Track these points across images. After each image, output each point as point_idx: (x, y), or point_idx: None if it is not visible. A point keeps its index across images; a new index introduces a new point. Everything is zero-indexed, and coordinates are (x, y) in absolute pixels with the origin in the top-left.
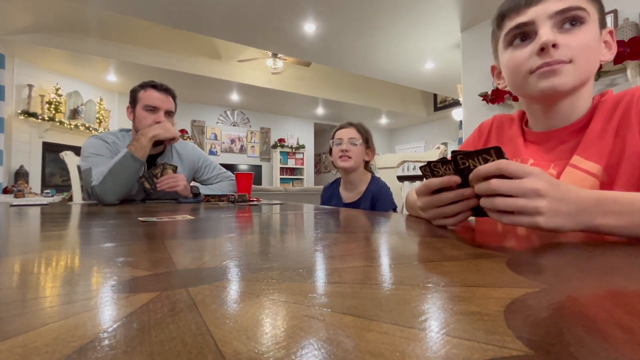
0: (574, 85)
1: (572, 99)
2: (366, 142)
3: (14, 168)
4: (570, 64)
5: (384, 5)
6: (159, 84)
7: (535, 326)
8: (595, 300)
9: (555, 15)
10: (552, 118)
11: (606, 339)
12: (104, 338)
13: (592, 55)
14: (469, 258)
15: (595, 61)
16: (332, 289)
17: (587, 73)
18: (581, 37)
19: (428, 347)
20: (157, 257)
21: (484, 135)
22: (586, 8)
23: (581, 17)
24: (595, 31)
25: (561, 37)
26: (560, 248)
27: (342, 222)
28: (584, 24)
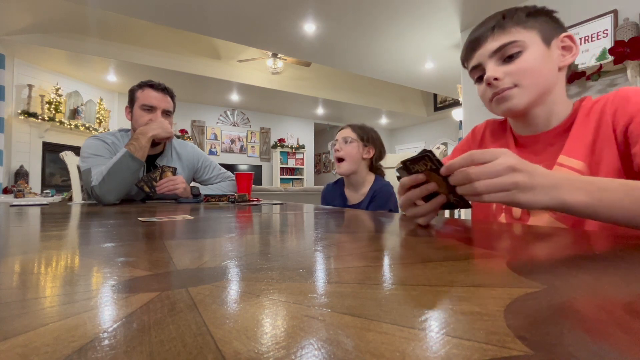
0: (527, 102)
1: (543, 108)
2: (363, 140)
3: (14, 168)
4: (516, 88)
5: (384, 6)
6: (157, 83)
7: (535, 326)
8: (595, 300)
9: (493, 54)
10: (532, 125)
11: (606, 339)
12: (104, 338)
13: (536, 73)
14: (469, 258)
15: (545, 75)
16: (332, 289)
17: (539, 88)
18: (520, 64)
19: (428, 347)
20: (157, 257)
21: (477, 139)
22: (518, 39)
23: (515, 49)
24: (538, 52)
25: (503, 68)
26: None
27: (341, 222)
28: (522, 52)
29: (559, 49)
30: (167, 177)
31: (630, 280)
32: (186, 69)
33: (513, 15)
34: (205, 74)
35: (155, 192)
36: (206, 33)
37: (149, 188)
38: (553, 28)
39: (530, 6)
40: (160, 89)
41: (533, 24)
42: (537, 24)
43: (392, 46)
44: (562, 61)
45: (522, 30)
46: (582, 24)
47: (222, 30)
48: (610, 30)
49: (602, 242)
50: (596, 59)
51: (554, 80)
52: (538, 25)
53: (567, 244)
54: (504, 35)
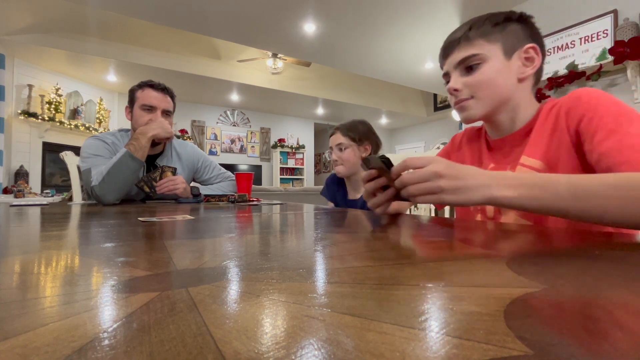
0: (483, 113)
1: (506, 115)
2: (357, 141)
3: (14, 168)
4: (472, 99)
5: (384, 6)
6: (157, 83)
7: (535, 326)
8: (595, 300)
9: (458, 65)
10: (499, 130)
11: (606, 339)
12: (104, 338)
13: (492, 86)
14: (469, 258)
15: (501, 87)
16: (332, 289)
17: (494, 99)
18: (478, 77)
19: (428, 347)
20: (157, 257)
21: (455, 146)
22: (480, 52)
23: (475, 62)
24: (496, 65)
25: (463, 79)
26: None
27: (341, 222)
28: (482, 64)
29: (520, 60)
30: (167, 177)
31: (630, 280)
32: (186, 69)
33: (480, 26)
34: (205, 74)
35: (155, 192)
36: (206, 33)
37: (149, 188)
38: (519, 39)
39: (501, 15)
40: (160, 88)
41: (497, 37)
42: (501, 36)
43: (392, 46)
44: (521, 73)
45: (484, 43)
46: (582, 24)
47: (222, 30)
48: (610, 30)
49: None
50: (596, 59)
51: (512, 91)
52: (502, 38)
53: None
54: (468, 47)
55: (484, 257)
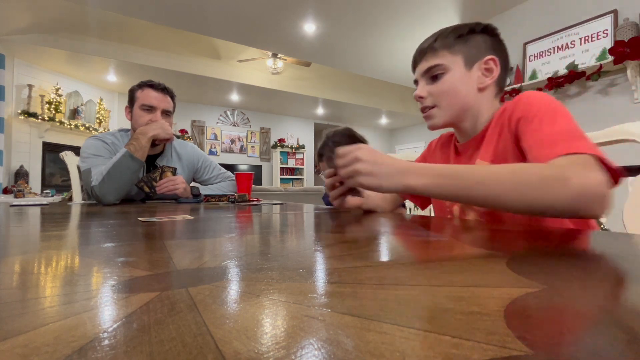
0: (445, 120)
1: (468, 122)
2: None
3: (14, 168)
4: (435, 108)
5: (384, 6)
6: (157, 83)
7: (535, 326)
8: (595, 300)
9: (424, 74)
10: (463, 135)
11: (606, 339)
12: (104, 338)
13: (453, 95)
14: (469, 258)
15: (461, 96)
16: (332, 289)
17: (455, 108)
18: (440, 86)
19: (428, 347)
20: (157, 257)
21: (431, 151)
22: (443, 63)
23: (439, 72)
24: (457, 75)
25: (428, 87)
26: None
27: (341, 222)
28: (444, 74)
29: (480, 70)
30: (167, 177)
31: (630, 280)
32: (186, 69)
33: (444, 38)
34: (205, 74)
35: (155, 192)
36: (206, 33)
37: (149, 188)
38: (480, 50)
39: (465, 27)
40: (160, 88)
41: (459, 48)
42: (463, 48)
43: (392, 46)
44: (481, 82)
45: (447, 54)
46: (582, 24)
47: (222, 30)
48: (610, 30)
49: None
50: (596, 59)
51: (472, 99)
52: (464, 49)
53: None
54: (432, 58)
55: (484, 257)
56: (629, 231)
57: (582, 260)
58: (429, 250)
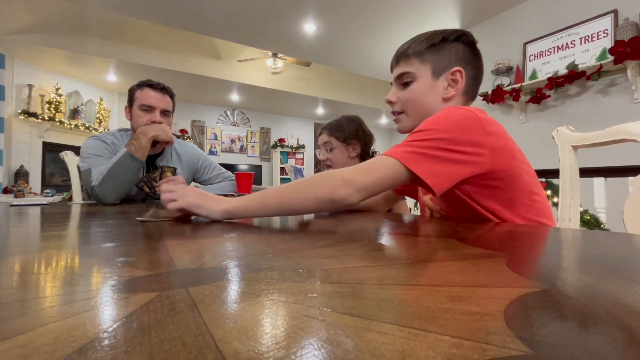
0: (410, 127)
1: None
2: (345, 141)
3: (14, 168)
4: (403, 114)
5: (384, 5)
6: (156, 83)
7: (535, 326)
8: (595, 300)
9: (396, 79)
10: None
11: (606, 339)
12: (104, 338)
13: (418, 103)
14: (469, 258)
15: (426, 105)
16: (332, 289)
17: (420, 115)
18: (407, 93)
19: (428, 347)
20: (157, 257)
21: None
22: (412, 71)
23: (408, 79)
24: (424, 84)
25: (399, 93)
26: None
27: (341, 223)
28: (413, 81)
29: (447, 81)
30: (167, 177)
31: (630, 279)
32: (186, 69)
33: (417, 45)
34: (205, 74)
35: (155, 192)
36: (206, 33)
37: (149, 188)
38: (449, 61)
39: (439, 35)
40: (159, 88)
41: (429, 57)
42: (432, 58)
43: (392, 46)
44: (445, 93)
45: (417, 63)
46: (582, 24)
47: (222, 30)
48: (610, 30)
49: (602, 242)
50: (596, 59)
51: (437, 108)
52: (432, 59)
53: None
54: (404, 64)
55: (483, 257)
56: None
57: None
58: (429, 250)
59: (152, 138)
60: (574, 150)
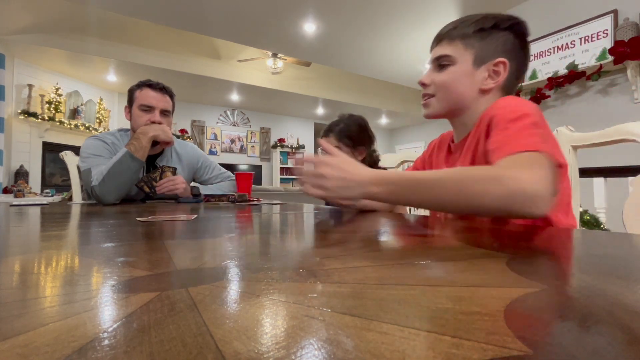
0: (439, 112)
1: (461, 120)
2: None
3: (14, 168)
4: (433, 98)
5: (384, 5)
6: (155, 83)
7: (535, 326)
8: (595, 300)
9: (434, 60)
10: (456, 132)
11: (606, 339)
12: (104, 338)
13: (451, 90)
14: (469, 258)
15: (459, 93)
16: (332, 289)
17: (449, 103)
18: (442, 77)
19: (428, 347)
20: (157, 257)
21: (429, 151)
22: (452, 54)
23: (446, 62)
24: (462, 71)
25: (433, 75)
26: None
27: (342, 222)
28: (450, 66)
29: (488, 71)
30: (167, 177)
31: (630, 279)
32: (186, 69)
33: (464, 27)
34: (205, 74)
35: (155, 192)
36: (206, 33)
37: (149, 188)
38: (494, 51)
39: (491, 20)
40: (159, 88)
41: (474, 43)
42: (478, 44)
43: (392, 46)
44: (483, 85)
45: (460, 46)
46: (582, 24)
47: (222, 30)
48: (610, 30)
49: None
50: (596, 59)
51: (470, 99)
52: (478, 46)
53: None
54: (445, 46)
55: (484, 257)
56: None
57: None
58: (429, 250)
59: (152, 138)
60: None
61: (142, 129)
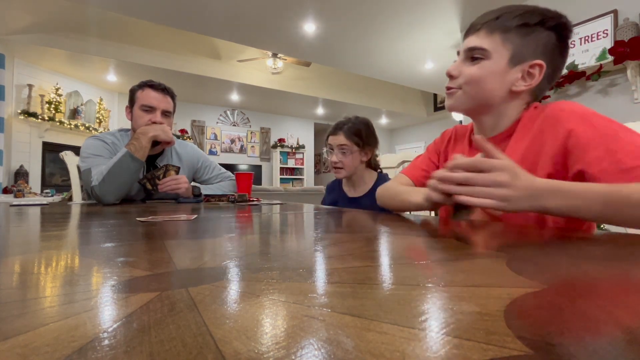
0: (462, 107)
1: (489, 118)
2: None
3: (14, 168)
4: (460, 90)
5: (384, 5)
6: (157, 84)
7: (535, 326)
8: (595, 300)
9: (466, 51)
10: (481, 129)
11: (606, 339)
12: (104, 338)
13: (481, 86)
14: (469, 258)
15: (488, 91)
16: (332, 289)
17: (477, 99)
18: (472, 70)
19: (428, 347)
20: (157, 257)
21: (444, 142)
22: (487, 49)
23: (479, 55)
24: (495, 68)
25: (463, 67)
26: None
27: (342, 222)
28: (484, 60)
29: (523, 72)
30: (171, 175)
31: (630, 280)
32: (186, 69)
33: (507, 20)
34: (205, 74)
35: (157, 190)
36: (206, 33)
37: (152, 186)
38: (534, 51)
39: (537, 15)
40: (161, 89)
41: (514, 39)
42: (518, 41)
43: (392, 46)
44: (515, 86)
45: (498, 41)
46: (582, 24)
47: (222, 30)
48: (610, 30)
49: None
50: (596, 59)
51: (499, 99)
52: (518, 43)
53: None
54: (483, 37)
55: (484, 257)
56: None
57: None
58: (429, 250)
59: (152, 138)
60: None
61: (142, 129)
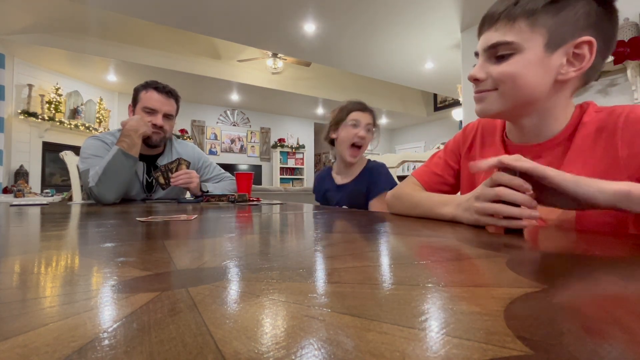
0: (502, 109)
1: (531, 119)
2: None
3: (14, 168)
4: (495, 91)
5: (384, 5)
6: (162, 86)
7: (535, 326)
8: (595, 300)
9: (488, 49)
10: (520, 133)
11: (606, 339)
12: (104, 338)
13: (519, 82)
14: (469, 258)
15: (530, 86)
16: (332, 289)
17: (517, 98)
18: (505, 67)
19: (428, 347)
20: (157, 257)
21: (468, 139)
22: (514, 41)
23: (506, 51)
24: (531, 58)
25: (489, 67)
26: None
27: (342, 222)
28: (515, 54)
29: (567, 56)
30: (183, 169)
31: (630, 280)
32: (186, 69)
33: (529, 2)
34: (205, 74)
35: (169, 183)
36: (206, 33)
37: (165, 179)
38: (575, 27)
39: None
40: (165, 92)
41: (545, 21)
42: (550, 22)
43: (392, 46)
44: (562, 73)
45: (525, 28)
46: None
47: (222, 30)
48: None
49: (602, 243)
50: None
51: (544, 93)
52: (551, 24)
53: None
54: (505, 30)
55: (484, 257)
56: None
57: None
58: (429, 250)
59: (142, 134)
60: None
61: (130, 125)
